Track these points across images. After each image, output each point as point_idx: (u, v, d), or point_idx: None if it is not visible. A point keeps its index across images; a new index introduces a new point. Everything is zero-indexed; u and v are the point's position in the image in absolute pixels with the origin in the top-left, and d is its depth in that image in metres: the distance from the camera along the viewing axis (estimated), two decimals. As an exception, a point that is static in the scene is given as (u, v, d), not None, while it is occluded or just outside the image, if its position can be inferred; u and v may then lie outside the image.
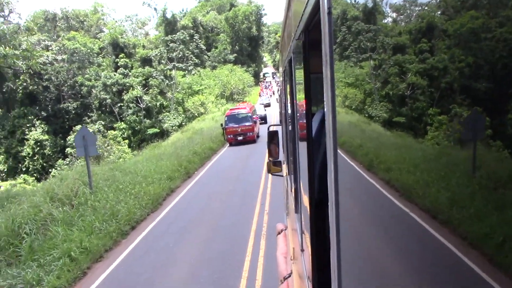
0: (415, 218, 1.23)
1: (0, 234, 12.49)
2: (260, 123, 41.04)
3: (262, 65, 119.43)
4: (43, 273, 10.47)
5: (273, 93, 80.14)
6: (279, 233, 6.60)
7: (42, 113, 64.70)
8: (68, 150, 55.16)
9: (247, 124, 32.93)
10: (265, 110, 53.17)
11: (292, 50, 3.77)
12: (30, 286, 10.08)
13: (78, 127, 59.30)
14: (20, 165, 61.71)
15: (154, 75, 66.20)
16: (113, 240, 12.94)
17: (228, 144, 33.71)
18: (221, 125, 33.32)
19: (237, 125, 32.83)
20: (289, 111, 5.00)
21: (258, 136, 35.11)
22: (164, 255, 11.67)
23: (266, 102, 70.21)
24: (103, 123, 61.99)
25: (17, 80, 64.50)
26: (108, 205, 14.95)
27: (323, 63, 1.87)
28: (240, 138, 32.71)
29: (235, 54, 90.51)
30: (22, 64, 29.66)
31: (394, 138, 1.60)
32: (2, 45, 23.63)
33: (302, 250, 3.35)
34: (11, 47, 23.76)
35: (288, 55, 4.43)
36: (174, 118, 64.20)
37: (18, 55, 25.17)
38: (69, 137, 57.20)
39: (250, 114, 33.31)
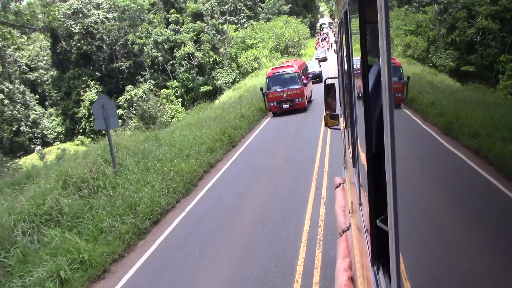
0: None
1: (-9, 235, 9.85)
2: (314, 82, 33.93)
3: (319, 15, 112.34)
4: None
5: (331, 46, 72.17)
6: (337, 187, 6.58)
7: (96, 73, 63.35)
8: (119, 111, 53.29)
9: (294, 87, 24.74)
10: (320, 66, 43.01)
11: (347, 1, 3.68)
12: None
13: (129, 87, 57.61)
14: (77, 126, 61.07)
15: (206, 30, 62.67)
16: (126, 244, 9.94)
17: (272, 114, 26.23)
18: (261, 89, 25.31)
19: (281, 89, 24.81)
20: (345, 64, 4.55)
21: (310, 101, 27.84)
22: (186, 271, 8.54)
23: (322, 56, 61.18)
24: (153, 82, 59.70)
25: (71, 41, 63.17)
26: (128, 192, 11.98)
27: (378, 16, 1.68)
28: (285, 106, 24.88)
29: (289, 5, 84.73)
30: (40, 22, 26.82)
31: (473, 93, 1.36)
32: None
33: (360, 204, 3.32)
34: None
35: (343, 7, 4.22)
36: (227, 75, 60.81)
37: (32, 13, 22.17)
38: (120, 98, 55.46)
39: (298, 74, 25.18)
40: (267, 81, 25.62)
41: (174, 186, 13.00)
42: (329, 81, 8.23)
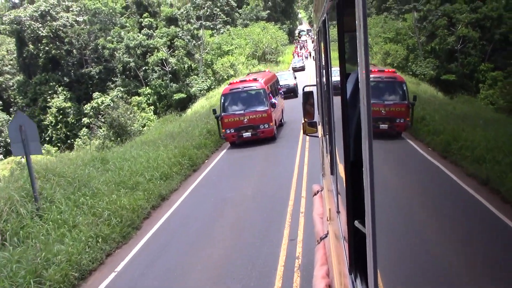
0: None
1: None
2: (287, 97, 27.58)
3: (297, 22, 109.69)
4: None
5: (309, 55, 66.65)
6: (315, 194, 6.42)
7: (65, 78, 59.36)
8: (85, 120, 49.65)
9: (259, 109, 18.15)
10: (295, 78, 35.34)
11: (326, 11, 3.70)
12: None
13: (96, 94, 54.00)
14: (43, 134, 57.05)
15: (180, 35, 59.37)
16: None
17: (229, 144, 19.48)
18: (213, 111, 18.39)
19: (241, 112, 18.12)
20: (324, 72, 4.69)
21: (281, 124, 21.68)
22: None
23: (299, 65, 55.18)
24: (122, 89, 55.94)
25: (39, 45, 59.30)
26: (39, 245, 8.85)
27: (357, 24, 1.67)
28: (246, 134, 18.14)
29: (268, 11, 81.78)
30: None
31: (464, 106, 1.25)
32: None
33: (338, 212, 3.32)
34: None
35: (322, 16, 4.29)
36: (202, 82, 57.47)
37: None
38: (86, 106, 51.74)
39: (264, 91, 18.39)
40: (222, 100, 18.62)
41: (107, 233, 9.89)
42: (307, 89, 8.06)
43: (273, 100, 18.89)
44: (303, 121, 8.18)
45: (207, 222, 10.84)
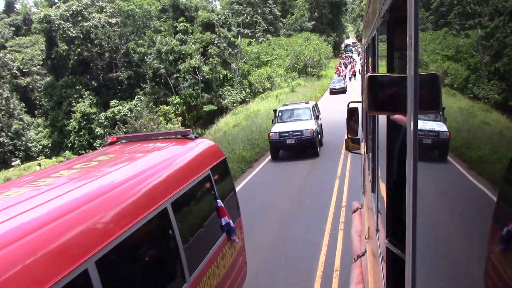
0: None
1: None
2: (300, 157, 16.33)
3: (344, 36, 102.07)
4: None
5: (354, 75, 53.40)
6: (354, 211, 6.35)
7: (93, 82, 54.65)
8: (98, 130, 44.17)
9: None
10: (317, 118, 18.10)
11: (376, 28, 3.50)
12: None
13: (113, 101, 48.64)
14: (65, 140, 52.36)
15: (216, 42, 53.50)
16: None
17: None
18: None
19: None
20: None
21: None
22: None
23: (339, 86, 42.74)
24: (142, 97, 50.31)
25: (72, 46, 55.02)
26: None
27: (407, 44, 1.54)
28: None
29: (313, 22, 74.89)
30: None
31: None
32: None
33: (377, 230, 3.19)
34: None
35: (371, 32, 4.05)
36: (237, 94, 51.30)
37: None
38: (101, 115, 46.24)
39: None
40: None
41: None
42: (352, 105, 7.64)
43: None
44: (346, 137, 7.85)
45: None
